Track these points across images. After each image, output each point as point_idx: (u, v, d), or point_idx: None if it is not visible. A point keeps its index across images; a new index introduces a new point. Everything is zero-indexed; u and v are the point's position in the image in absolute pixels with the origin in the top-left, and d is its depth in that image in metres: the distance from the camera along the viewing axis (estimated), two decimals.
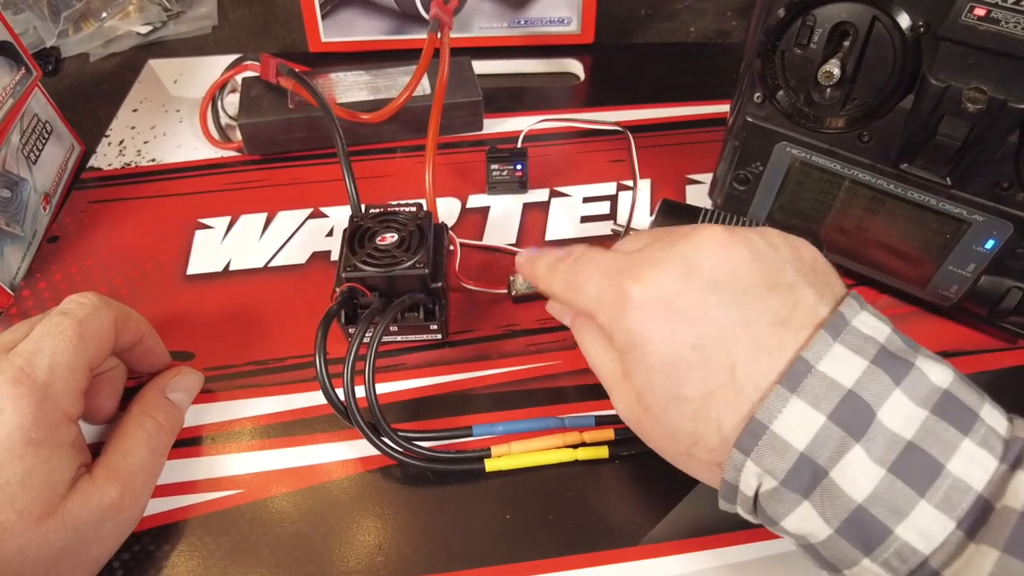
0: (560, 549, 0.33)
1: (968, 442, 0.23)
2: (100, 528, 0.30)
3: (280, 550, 0.33)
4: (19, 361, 0.29)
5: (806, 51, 0.35)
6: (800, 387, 0.24)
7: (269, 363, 0.40)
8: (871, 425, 0.24)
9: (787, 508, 0.25)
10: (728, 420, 0.26)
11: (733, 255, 0.27)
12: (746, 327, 0.26)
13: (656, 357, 0.27)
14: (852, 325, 0.25)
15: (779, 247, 0.28)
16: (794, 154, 0.39)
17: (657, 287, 0.27)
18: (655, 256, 0.28)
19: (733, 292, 0.26)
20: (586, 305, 0.30)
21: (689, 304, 0.26)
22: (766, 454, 0.24)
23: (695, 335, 0.26)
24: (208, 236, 0.47)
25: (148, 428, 0.34)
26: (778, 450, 0.24)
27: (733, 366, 0.25)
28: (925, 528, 0.23)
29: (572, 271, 0.31)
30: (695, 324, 0.26)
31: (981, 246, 0.36)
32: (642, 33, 0.65)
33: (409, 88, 0.49)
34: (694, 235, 0.28)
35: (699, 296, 0.26)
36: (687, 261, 0.27)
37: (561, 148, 0.53)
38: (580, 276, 0.30)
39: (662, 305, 0.27)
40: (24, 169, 0.46)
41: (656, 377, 0.27)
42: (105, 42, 0.63)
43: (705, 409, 0.26)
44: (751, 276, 0.26)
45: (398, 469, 0.36)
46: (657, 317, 0.27)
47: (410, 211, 0.40)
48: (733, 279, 0.26)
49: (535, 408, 0.38)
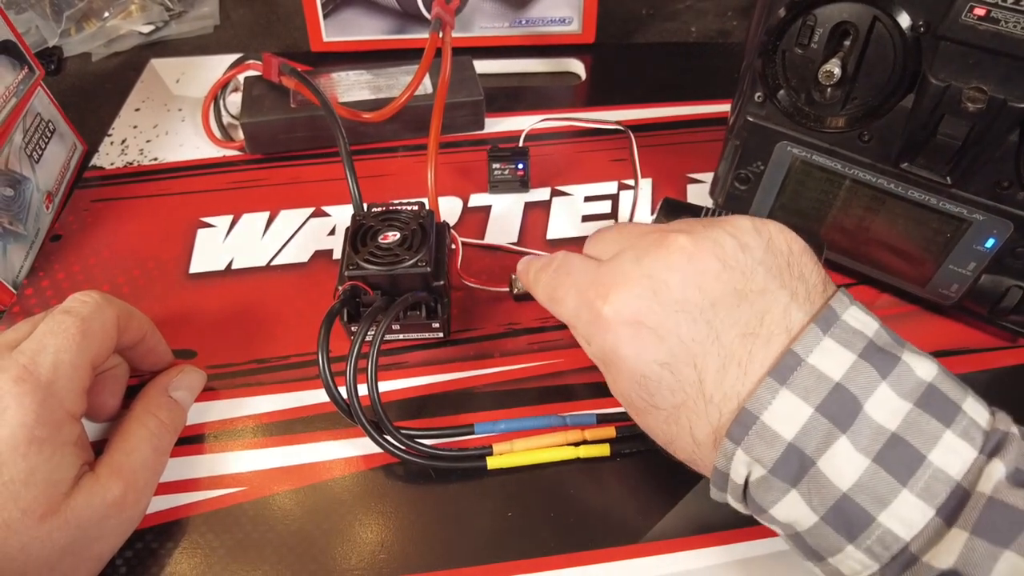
0: (562, 547, 0.33)
1: (950, 434, 0.24)
2: (103, 526, 0.31)
3: (283, 547, 0.33)
4: (22, 359, 0.29)
5: (807, 51, 0.35)
6: (790, 380, 0.25)
7: (271, 361, 0.40)
8: (857, 417, 0.24)
9: (775, 496, 0.25)
10: (699, 427, 0.27)
11: (701, 268, 0.27)
12: (715, 341, 0.27)
13: (628, 372, 0.28)
14: (842, 319, 0.26)
15: (750, 246, 0.28)
16: (795, 153, 0.39)
17: (626, 308, 0.28)
18: (624, 271, 0.29)
19: (702, 308, 0.27)
20: (566, 319, 0.31)
21: (656, 323, 0.27)
22: (756, 443, 0.25)
23: (664, 352, 0.27)
24: (210, 235, 0.47)
25: (151, 426, 0.34)
26: (767, 440, 0.25)
27: (701, 379, 0.27)
28: (906, 516, 0.24)
29: (552, 283, 0.32)
30: (663, 342, 0.27)
31: (981, 245, 0.36)
32: (643, 33, 0.65)
33: (411, 87, 0.49)
34: (662, 249, 0.28)
35: (666, 315, 0.27)
36: (654, 280, 0.28)
37: (562, 147, 0.53)
38: (559, 290, 0.31)
39: (630, 326, 0.28)
40: (27, 168, 0.46)
41: (630, 388, 0.28)
42: (107, 41, 0.63)
43: (675, 417, 0.27)
44: (720, 288, 0.27)
45: (400, 467, 0.36)
46: (626, 337, 0.28)
47: (412, 210, 0.40)
48: (701, 294, 0.27)
49: (537, 406, 0.38)
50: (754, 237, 0.28)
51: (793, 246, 0.29)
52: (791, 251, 0.28)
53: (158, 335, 0.37)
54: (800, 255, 0.28)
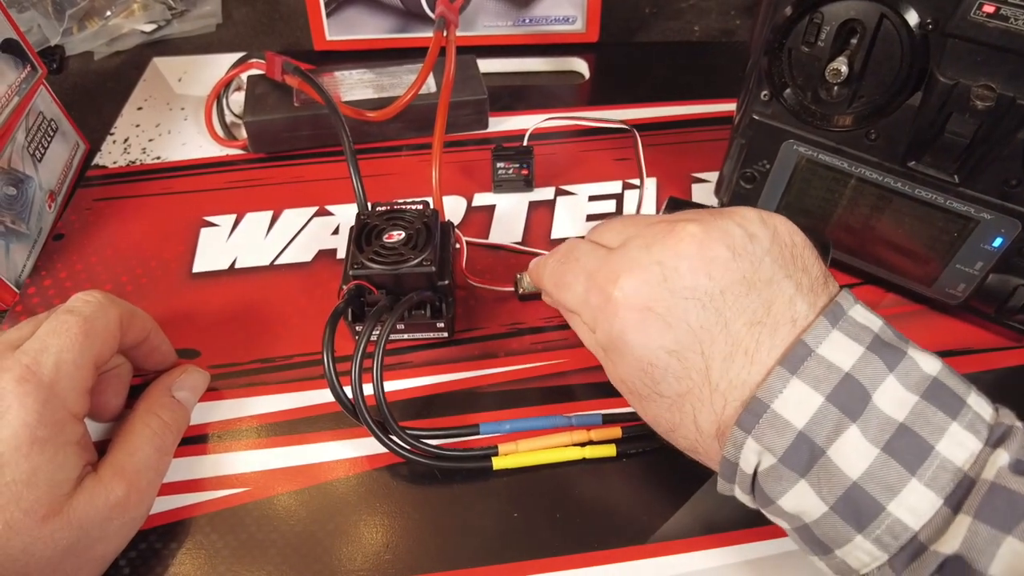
0: (568, 547, 0.33)
1: (956, 425, 0.25)
2: (106, 526, 0.30)
3: (287, 548, 0.33)
4: (25, 359, 0.29)
5: (813, 49, 0.35)
6: (800, 369, 0.25)
7: (275, 361, 0.40)
8: (867, 407, 0.25)
9: (785, 486, 0.25)
10: (703, 416, 0.27)
11: (711, 256, 0.27)
12: (723, 329, 0.27)
13: (633, 358, 0.28)
14: (849, 314, 0.27)
15: (758, 236, 0.28)
16: (801, 152, 0.39)
17: (636, 294, 0.28)
18: (634, 258, 0.29)
19: (711, 295, 0.27)
20: (573, 305, 0.31)
21: (666, 309, 0.27)
22: (766, 432, 0.25)
23: (671, 340, 0.27)
24: (214, 234, 0.47)
25: (154, 426, 0.34)
26: (778, 428, 0.25)
27: (708, 367, 0.27)
28: (915, 505, 0.24)
29: (560, 268, 0.32)
30: (671, 329, 0.27)
31: (989, 244, 0.36)
32: (646, 32, 0.65)
33: (415, 86, 0.49)
34: (672, 237, 0.28)
35: (676, 302, 0.27)
36: (664, 266, 0.28)
37: (566, 146, 0.53)
38: (567, 275, 0.31)
39: (639, 311, 0.28)
40: (29, 167, 0.46)
41: (634, 375, 0.28)
42: (109, 40, 0.63)
43: (679, 405, 0.28)
44: (729, 276, 0.27)
45: (405, 467, 0.36)
46: (635, 323, 0.28)
47: (417, 209, 0.40)
48: (711, 281, 0.27)
49: (542, 406, 0.38)
50: (760, 227, 0.28)
51: (796, 239, 0.29)
52: (794, 243, 0.29)
53: (161, 335, 0.37)
54: (803, 248, 0.29)
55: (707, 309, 0.27)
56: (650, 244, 0.29)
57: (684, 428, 0.28)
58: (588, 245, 0.32)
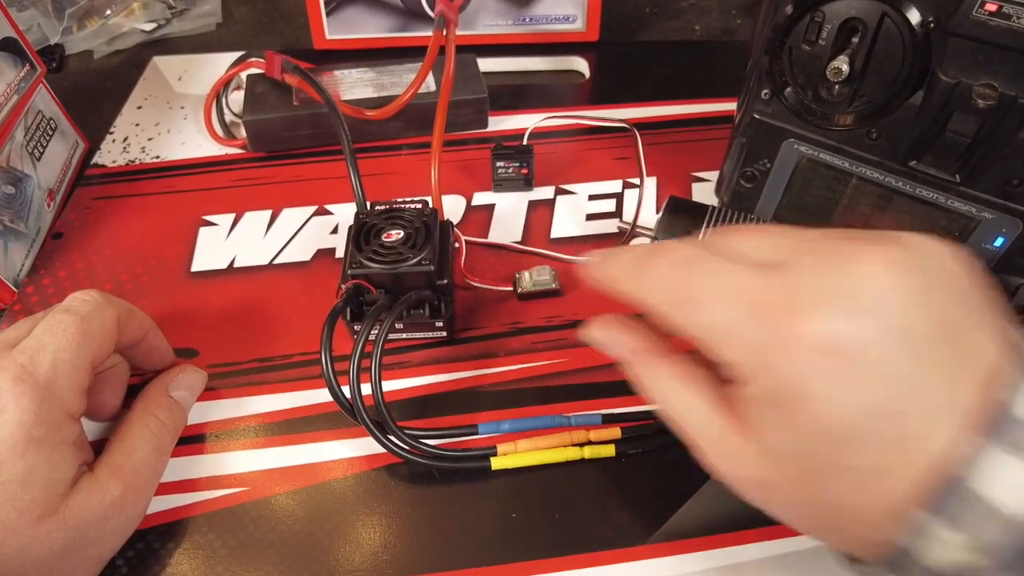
0: (567, 548, 0.33)
1: None
2: (102, 526, 0.30)
3: (285, 548, 0.33)
4: (21, 358, 0.29)
5: (814, 47, 0.35)
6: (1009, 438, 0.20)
7: (273, 360, 0.40)
8: None
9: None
10: (892, 492, 0.21)
11: (917, 288, 0.22)
12: (924, 386, 0.21)
13: (822, 419, 0.22)
14: None
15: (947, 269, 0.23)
16: (802, 151, 0.39)
17: (835, 331, 0.21)
18: (824, 284, 0.22)
19: (926, 339, 0.21)
20: (709, 332, 0.24)
21: (876, 356, 0.21)
22: (969, 516, 0.20)
23: (877, 398, 0.21)
24: (212, 233, 0.47)
25: (151, 426, 0.34)
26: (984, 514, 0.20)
27: (906, 435, 0.21)
28: None
29: (681, 280, 0.25)
30: (876, 383, 0.21)
31: (990, 244, 0.36)
32: (647, 31, 0.65)
33: (415, 85, 0.49)
34: (867, 260, 0.22)
35: (888, 349, 0.21)
36: (874, 299, 0.22)
37: (566, 145, 0.53)
38: (700, 290, 0.24)
39: (842, 357, 0.21)
40: (28, 166, 0.46)
41: (817, 442, 0.22)
42: (109, 39, 0.63)
43: (866, 482, 0.22)
44: (931, 317, 0.22)
45: (404, 467, 0.36)
46: (833, 371, 0.21)
47: (416, 208, 0.40)
48: (918, 324, 0.22)
49: (541, 406, 0.38)
50: (939, 259, 0.23)
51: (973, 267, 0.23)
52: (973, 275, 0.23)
53: (159, 334, 0.37)
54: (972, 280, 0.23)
55: (919, 361, 0.21)
56: (837, 267, 0.22)
57: (861, 512, 0.22)
58: (718, 257, 0.25)
